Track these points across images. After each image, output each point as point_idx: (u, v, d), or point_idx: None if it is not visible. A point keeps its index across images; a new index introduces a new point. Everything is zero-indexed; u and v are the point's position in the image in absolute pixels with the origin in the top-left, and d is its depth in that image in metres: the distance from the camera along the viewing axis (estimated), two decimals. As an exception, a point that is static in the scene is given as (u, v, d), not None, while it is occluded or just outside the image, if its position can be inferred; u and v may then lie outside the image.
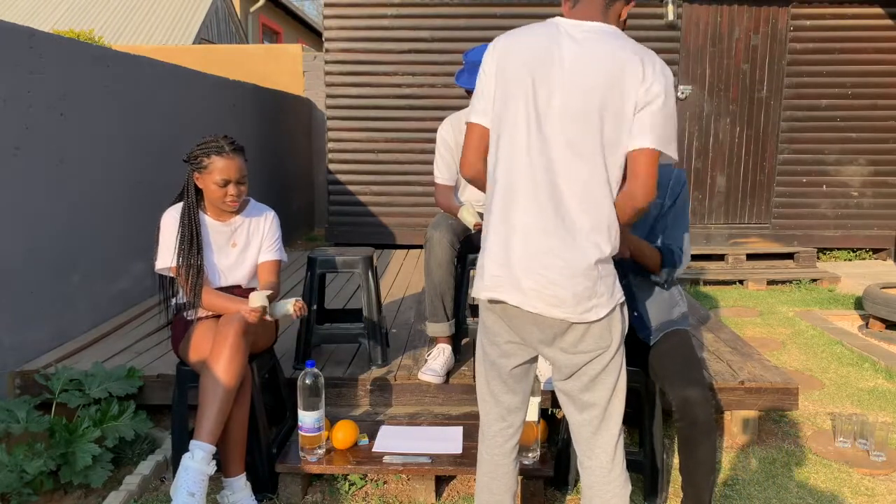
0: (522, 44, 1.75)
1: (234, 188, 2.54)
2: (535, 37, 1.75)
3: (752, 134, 6.94)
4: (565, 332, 1.75)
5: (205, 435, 2.29)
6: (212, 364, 2.36)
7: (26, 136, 3.24)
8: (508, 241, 1.74)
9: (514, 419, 1.95)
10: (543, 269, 1.70)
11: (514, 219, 1.73)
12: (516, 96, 1.73)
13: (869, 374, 3.98)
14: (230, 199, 2.55)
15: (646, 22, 6.75)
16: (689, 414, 2.24)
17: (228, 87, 5.81)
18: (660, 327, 2.53)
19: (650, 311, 2.54)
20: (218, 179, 2.51)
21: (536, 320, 1.75)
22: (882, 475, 2.83)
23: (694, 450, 2.27)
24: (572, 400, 1.85)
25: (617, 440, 1.86)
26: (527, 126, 1.72)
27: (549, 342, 1.78)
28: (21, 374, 3.10)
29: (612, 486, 1.86)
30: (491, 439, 1.97)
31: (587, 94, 1.68)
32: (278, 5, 17.69)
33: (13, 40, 3.14)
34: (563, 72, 1.70)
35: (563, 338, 1.76)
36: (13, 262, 3.15)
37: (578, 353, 1.77)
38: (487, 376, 1.93)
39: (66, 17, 14.60)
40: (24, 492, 2.48)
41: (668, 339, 2.50)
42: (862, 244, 7.08)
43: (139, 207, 4.23)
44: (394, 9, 6.80)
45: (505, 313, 1.80)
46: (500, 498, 1.99)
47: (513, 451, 1.99)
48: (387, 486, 2.74)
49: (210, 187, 2.53)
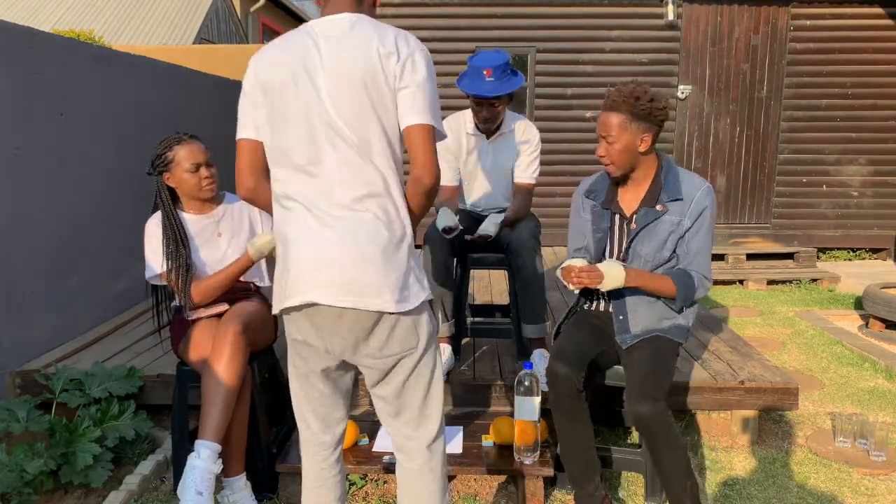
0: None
1: (205, 170, 2.56)
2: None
3: (752, 134, 6.94)
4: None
5: (209, 434, 2.29)
6: (213, 363, 2.36)
7: (26, 136, 3.24)
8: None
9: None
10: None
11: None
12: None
13: (869, 374, 3.98)
14: (206, 183, 2.56)
15: (646, 22, 6.75)
16: (644, 428, 2.22)
17: (228, 87, 5.81)
18: (640, 334, 2.43)
19: (635, 317, 2.44)
20: (188, 166, 2.52)
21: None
22: (882, 475, 2.83)
23: (659, 460, 2.26)
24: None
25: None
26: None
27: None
28: (21, 373, 3.11)
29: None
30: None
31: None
32: (278, 5, 17.70)
33: (13, 40, 3.14)
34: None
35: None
36: (13, 262, 3.15)
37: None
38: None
39: (66, 17, 14.60)
40: (24, 491, 2.49)
41: (641, 348, 2.40)
42: (862, 244, 7.09)
43: (139, 207, 4.23)
44: (393, 8, 6.80)
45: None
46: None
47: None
48: (387, 486, 2.74)
49: (183, 178, 2.53)
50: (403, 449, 1.87)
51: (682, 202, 2.38)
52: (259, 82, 1.72)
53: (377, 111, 1.67)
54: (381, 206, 1.69)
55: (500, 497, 2.68)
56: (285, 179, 1.71)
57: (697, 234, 2.38)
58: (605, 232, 2.51)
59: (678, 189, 2.39)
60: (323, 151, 1.66)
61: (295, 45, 1.70)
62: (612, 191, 2.51)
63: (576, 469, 2.46)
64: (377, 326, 1.70)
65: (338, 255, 1.65)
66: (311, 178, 1.68)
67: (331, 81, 1.66)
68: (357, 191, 1.67)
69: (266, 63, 1.71)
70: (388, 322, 1.70)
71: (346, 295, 1.65)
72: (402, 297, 1.69)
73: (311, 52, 1.68)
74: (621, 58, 6.83)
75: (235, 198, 2.73)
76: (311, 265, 1.67)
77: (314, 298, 1.66)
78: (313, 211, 1.68)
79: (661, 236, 2.39)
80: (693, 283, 2.38)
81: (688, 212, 2.37)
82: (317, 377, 1.84)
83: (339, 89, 1.66)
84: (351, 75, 1.65)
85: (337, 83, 1.66)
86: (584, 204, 2.57)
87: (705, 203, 2.37)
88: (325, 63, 1.67)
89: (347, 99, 1.65)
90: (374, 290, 1.66)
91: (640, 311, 2.43)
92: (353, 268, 1.65)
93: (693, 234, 2.38)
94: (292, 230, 1.70)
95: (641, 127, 2.32)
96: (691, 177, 2.42)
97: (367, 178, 1.67)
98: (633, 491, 2.71)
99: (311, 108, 1.67)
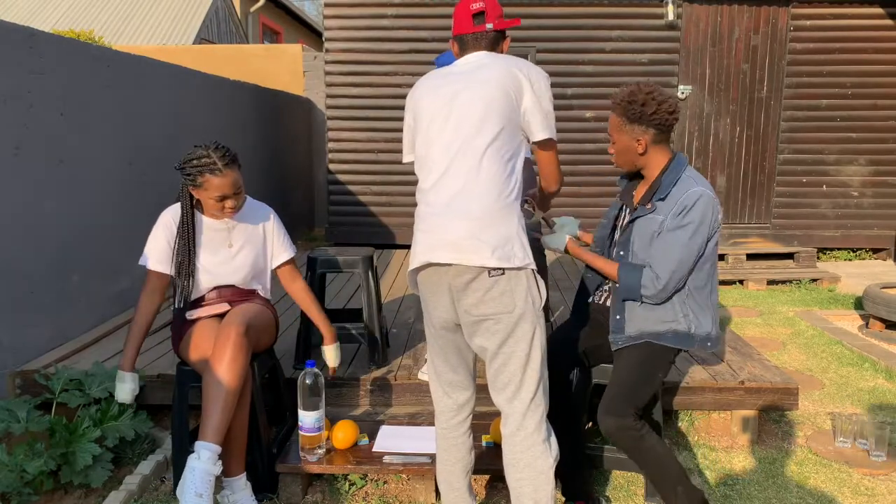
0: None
1: (230, 202, 2.50)
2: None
3: (752, 134, 6.94)
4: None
5: (210, 435, 2.28)
6: (215, 364, 2.36)
7: (26, 136, 3.24)
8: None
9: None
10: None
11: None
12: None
13: (869, 374, 3.98)
14: (228, 212, 2.53)
15: (646, 22, 6.75)
16: (614, 441, 2.30)
17: (228, 87, 5.81)
18: (635, 336, 2.38)
19: (632, 317, 2.39)
20: (214, 196, 2.46)
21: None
22: (882, 475, 2.83)
23: (641, 467, 2.32)
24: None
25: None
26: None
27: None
28: (21, 374, 3.10)
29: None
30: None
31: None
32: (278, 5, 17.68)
33: (13, 40, 3.14)
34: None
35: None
36: (13, 262, 3.15)
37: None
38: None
39: (66, 17, 14.60)
40: (24, 492, 2.49)
41: (629, 355, 2.37)
42: (862, 244, 7.09)
43: (139, 207, 4.23)
44: (394, 9, 6.80)
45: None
46: (451, 468, 2.21)
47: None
48: (387, 486, 2.74)
49: (207, 202, 2.49)
50: (502, 412, 2.08)
51: (667, 202, 2.32)
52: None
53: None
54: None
55: (499, 497, 2.68)
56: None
57: (668, 234, 2.29)
58: (611, 221, 2.57)
59: (668, 189, 2.33)
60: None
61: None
62: (632, 185, 2.56)
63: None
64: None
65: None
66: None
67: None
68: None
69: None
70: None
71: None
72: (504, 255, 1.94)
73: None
74: (621, 58, 6.83)
75: (254, 207, 2.70)
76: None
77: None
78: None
79: (647, 234, 2.34)
80: (638, 277, 2.32)
81: (671, 213, 2.29)
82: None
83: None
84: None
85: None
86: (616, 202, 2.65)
87: (687, 203, 2.27)
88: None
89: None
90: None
91: (636, 312, 2.39)
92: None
93: (665, 233, 2.29)
94: None
95: (637, 129, 2.33)
96: (692, 182, 2.32)
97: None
98: (632, 491, 2.71)
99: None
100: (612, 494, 2.69)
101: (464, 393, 2.17)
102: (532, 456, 2.04)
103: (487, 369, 2.07)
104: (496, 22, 2.13)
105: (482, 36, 2.12)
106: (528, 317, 1.99)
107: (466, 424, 2.20)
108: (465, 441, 2.20)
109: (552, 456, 2.07)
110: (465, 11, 2.12)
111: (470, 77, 2.04)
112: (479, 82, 2.02)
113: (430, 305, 2.08)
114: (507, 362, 2.01)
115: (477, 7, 2.11)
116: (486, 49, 2.13)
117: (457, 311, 2.02)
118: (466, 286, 1.95)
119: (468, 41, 2.13)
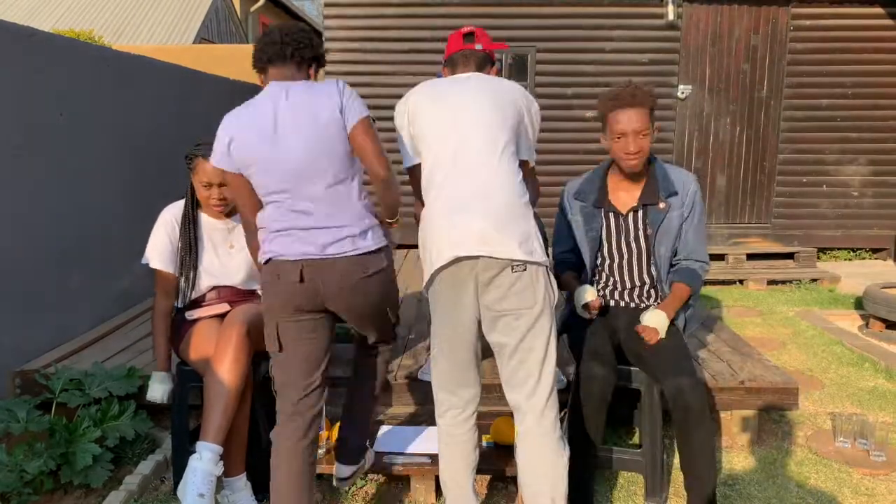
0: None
1: (216, 190, 2.52)
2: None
3: (752, 134, 6.94)
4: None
5: (211, 435, 2.28)
6: (216, 364, 2.36)
7: (26, 136, 3.24)
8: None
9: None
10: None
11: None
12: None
13: (869, 374, 3.98)
14: (213, 202, 2.55)
15: (646, 22, 6.75)
16: (682, 401, 2.28)
17: (228, 87, 5.81)
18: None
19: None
20: (203, 181, 2.51)
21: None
22: (882, 475, 2.83)
23: (689, 438, 2.31)
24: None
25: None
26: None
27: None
28: (21, 373, 3.10)
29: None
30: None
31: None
32: (278, 5, 17.69)
33: (13, 40, 3.14)
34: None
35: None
36: (13, 262, 3.15)
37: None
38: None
39: (66, 17, 14.60)
40: (24, 492, 2.49)
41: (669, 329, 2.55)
42: (862, 244, 7.08)
43: (139, 207, 4.23)
44: (394, 8, 6.80)
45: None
46: (456, 466, 2.20)
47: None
48: (387, 487, 2.74)
49: (198, 188, 2.55)
50: (518, 409, 2.10)
51: (678, 195, 2.54)
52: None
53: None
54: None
55: (499, 497, 2.68)
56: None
57: (694, 225, 2.56)
58: (598, 231, 2.61)
59: (671, 183, 2.55)
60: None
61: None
62: (604, 190, 2.62)
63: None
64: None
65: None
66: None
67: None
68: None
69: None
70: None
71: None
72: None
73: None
74: (621, 58, 6.83)
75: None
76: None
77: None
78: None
79: (673, 231, 2.54)
80: (699, 275, 2.57)
81: (685, 203, 2.53)
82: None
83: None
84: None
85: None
86: (573, 206, 2.66)
87: (696, 190, 2.55)
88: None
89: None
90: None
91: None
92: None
93: (689, 225, 2.55)
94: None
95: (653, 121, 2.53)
96: (678, 170, 2.59)
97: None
98: (632, 491, 2.71)
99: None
100: (612, 494, 2.69)
101: (470, 390, 2.19)
102: (550, 452, 2.06)
103: (504, 366, 2.08)
104: (485, 44, 2.30)
105: (471, 54, 2.28)
106: (546, 313, 2.04)
107: (472, 421, 2.22)
108: (470, 438, 2.22)
109: (566, 454, 2.10)
110: (457, 34, 2.32)
111: (480, 81, 2.18)
112: (490, 86, 2.16)
113: (450, 303, 2.07)
114: (526, 358, 2.04)
115: (468, 29, 2.32)
116: (475, 69, 2.28)
117: (479, 307, 2.04)
118: (491, 281, 2.00)
119: (458, 59, 2.29)
